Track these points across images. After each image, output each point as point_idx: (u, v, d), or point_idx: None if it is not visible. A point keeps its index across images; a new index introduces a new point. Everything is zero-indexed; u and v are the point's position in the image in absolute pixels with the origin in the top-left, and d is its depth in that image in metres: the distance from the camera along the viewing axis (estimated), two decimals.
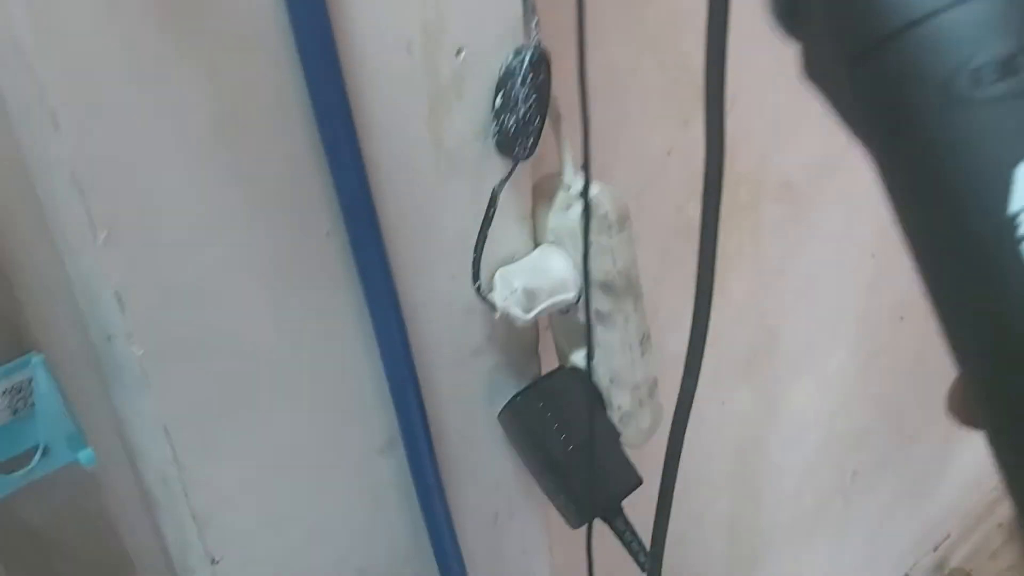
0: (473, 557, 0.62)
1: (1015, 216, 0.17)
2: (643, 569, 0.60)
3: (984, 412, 0.19)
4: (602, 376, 0.58)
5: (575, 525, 0.60)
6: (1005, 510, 0.19)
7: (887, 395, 1.25)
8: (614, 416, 0.59)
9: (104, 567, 0.50)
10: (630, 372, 0.57)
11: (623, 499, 0.60)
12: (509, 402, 0.58)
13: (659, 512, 0.43)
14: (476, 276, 0.52)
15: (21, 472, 0.43)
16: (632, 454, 0.61)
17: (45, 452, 0.43)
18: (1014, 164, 0.17)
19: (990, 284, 0.18)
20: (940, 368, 0.22)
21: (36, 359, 0.42)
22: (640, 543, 0.61)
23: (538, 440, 0.58)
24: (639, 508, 0.61)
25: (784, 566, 1.24)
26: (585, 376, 0.58)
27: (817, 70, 0.21)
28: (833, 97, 0.21)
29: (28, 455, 0.44)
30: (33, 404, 0.43)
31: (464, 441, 0.59)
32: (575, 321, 0.57)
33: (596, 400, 0.59)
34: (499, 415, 0.60)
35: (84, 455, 0.43)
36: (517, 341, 0.59)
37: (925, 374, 1.17)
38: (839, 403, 1.17)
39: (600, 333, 0.56)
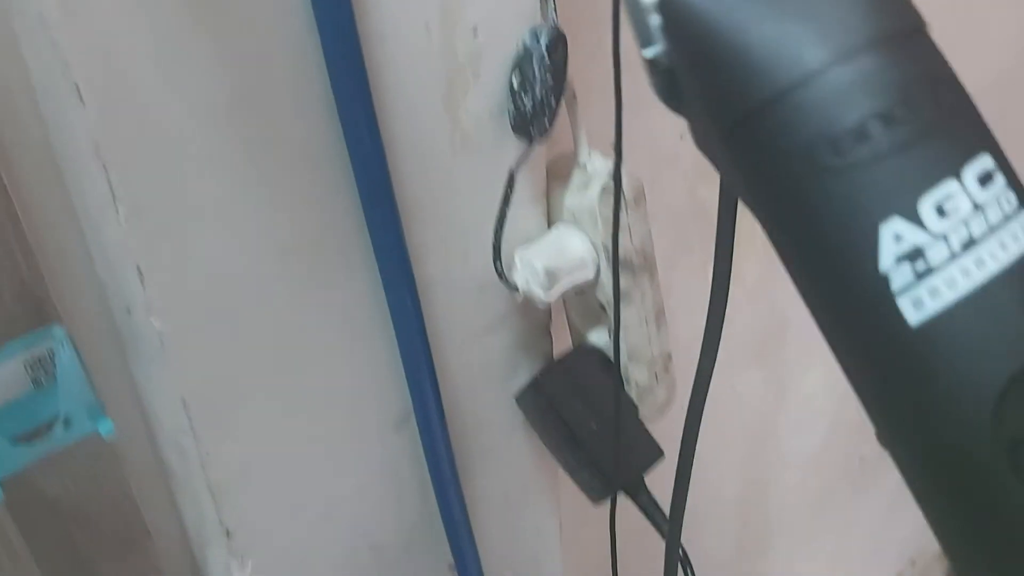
0: (485, 536, 0.62)
1: (887, 273, 0.18)
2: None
3: (884, 439, 0.21)
4: (620, 352, 0.58)
5: (598, 500, 0.61)
6: None
7: None
8: (632, 391, 0.59)
9: (121, 537, 0.50)
10: (647, 347, 0.57)
11: (645, 473, 0.61)
12: (531, 382, 0.59)
13: (677, 485, 0.43)
14: (497, 257, 0.53)
15: (41, 443, 0.44)
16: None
17: (66, 423, 0.44)
18: (878, 223, 0.18)
19: (873, 337, 0.19)
20: None
21: (58, 331, 0.43)
22: (664, 515, 0.62)
23: (562, 418, 0.58)
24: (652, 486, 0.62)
25: (792, 550, 1.24)
26: (605, 354, 0.58)
27: (703, 142, 0.23)
28: (718, 166, 0.22)
29: (48, 426, 0.45)
30: (54, 376, 0.44)
31: (477, 419, 0.60)
32: (591, 299, 0.57)
33: (615, 376, 0.59)
34: (519, 395, 0.60)
35: (104, 426, 0.44)
36: (530, 320, 0.60)
37: None
38: (848, 389, 1.17)
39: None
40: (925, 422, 0.19)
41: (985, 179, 0.19)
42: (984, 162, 0.19)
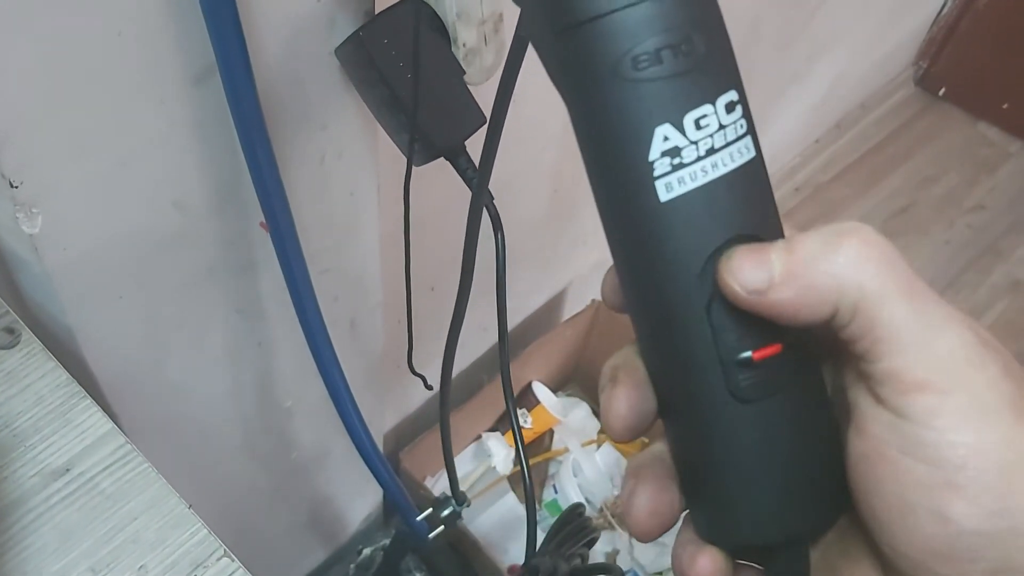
0: (297, 197, 0.61)
1: (653, 162, 0.25)
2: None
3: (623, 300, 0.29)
4: (448, 10, 0.54)
5: (419, 163, 0.59)
6: None
7: None
8: (459, 53, 0.56)
9: None
10: (477, 6, 0.54)
11: (467, 138, 0.60)
12: (352, 35, 0.55)
13: (488, 142, 0.42)
14: None
15: None
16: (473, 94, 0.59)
17: None
18: (655, 126, 0.25)
19: (634, 206, 0.26)
20: None
21: None
22: None
23: (382, 76, 0.55)
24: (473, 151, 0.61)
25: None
26: (433, 10, 0.54)
27: (532, 33, 0.28)
28: (542, 56, 0.27)
29: None
30: None
31: (289, 75, 0.56)
32: None
33: (442, 36, 0.56)
34: (338, 49, 0.56)
35: None
36: None
37: None
38: None
39: None
40: (655, 271, 0.26)
41: (730, 108, 0.26)
42: (732, 95, 0.26)
